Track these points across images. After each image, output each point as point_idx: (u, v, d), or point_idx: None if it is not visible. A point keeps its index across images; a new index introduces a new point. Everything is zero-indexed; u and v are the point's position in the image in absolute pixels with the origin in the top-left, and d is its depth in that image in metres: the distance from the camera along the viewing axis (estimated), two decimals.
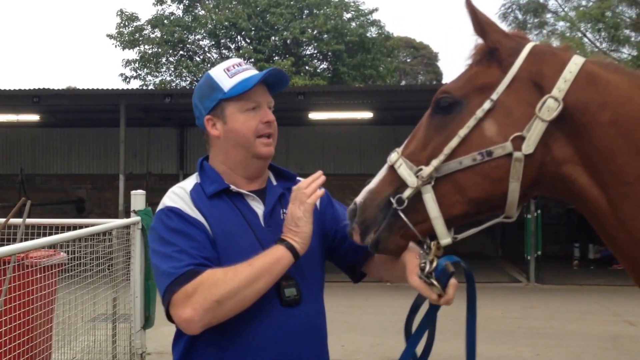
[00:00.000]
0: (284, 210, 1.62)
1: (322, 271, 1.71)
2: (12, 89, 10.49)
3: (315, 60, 20.86)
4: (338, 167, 13.12)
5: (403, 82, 26.84)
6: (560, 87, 1.33)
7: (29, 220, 3.88)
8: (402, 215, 1.38)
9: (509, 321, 7.19)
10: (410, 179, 1.38)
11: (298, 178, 1.76)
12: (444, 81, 27.73)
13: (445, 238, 1.38)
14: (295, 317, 1.56)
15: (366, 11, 21.11)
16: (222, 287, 1.41)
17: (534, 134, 1.32)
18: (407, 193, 1.38)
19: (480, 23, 1.42)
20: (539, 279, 9.99)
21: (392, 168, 1.44)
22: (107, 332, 4.49)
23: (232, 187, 1.61)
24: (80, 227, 4.02)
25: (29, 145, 13.94)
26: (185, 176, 10.69)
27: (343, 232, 1.65)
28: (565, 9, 18.93)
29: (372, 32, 21.00)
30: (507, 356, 5.60)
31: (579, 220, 11.53)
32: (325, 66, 20.94)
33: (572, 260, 11.63)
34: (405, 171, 1.40)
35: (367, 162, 13.39)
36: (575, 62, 1.36)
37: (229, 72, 1.62)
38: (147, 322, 4.76)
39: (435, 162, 1.37)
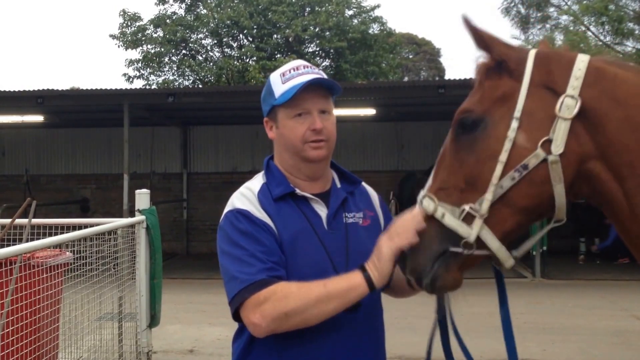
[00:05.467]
0: (347, 214, 1.66)
1: None
2: (16, 90, 10.53)
3: (318, 58, 20.82)
4: (341, 163, 12.92)
5: (405, 79, 26.77)
6: (573, 84, 1.36)
7: (35, 221, 3.90)
8: (478, 252, 1.38)
9: (514, 317, 7.08)
10: (463, 229, 1.36)
11: (365, 185, 1.80)
12: (446, 77, 27.67)
13: (508, 262, 1.40)
14: (354, 320, 1.57)
15: (368, 8, 21.07)
16: (292, 302, 1.44)
17: (559, 134, 1.34)
18: (473, 235, 1.36)
19: (482, 39, 1.44)
20: (545, 274, 9.96)
21: (430, 217, 1.41)
22: (113, 331, 4.50)
23: (297, 190, 1.63)
24: (86, 226, 4.03)
25: (33, 146, 13.99)
26: (189, 175, 10.76)
27: None
28: (569, 3, 18.84)
29: (374, 28, 20.95)
30: None
31: (584, 215, 11.49)
32: (328, 63, 20.90)
33: (578, 255, 11.59)
34: (452, 222, 1.38)
35: (370, 158, 13.38)
36: (582, 60, 1.38)
37: (284, 77, 1.64)
38: (153, 320, 4.77)
39: (489, 196, 1.36)
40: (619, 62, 1.44)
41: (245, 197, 1.62)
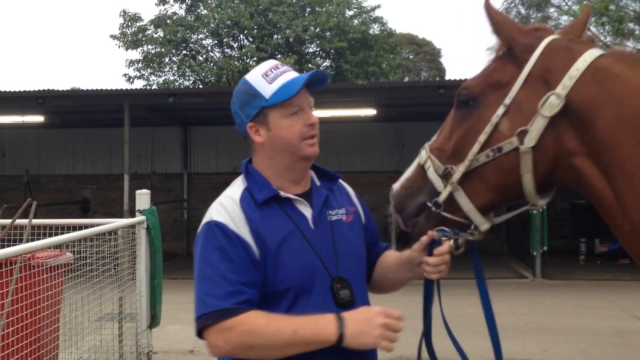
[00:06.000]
0: (330, 212, 1.65)
1: (365, 272, 1.73)
2: (16, 90, 10.54)
3: (318, 58, 20.82)
4: (342, 164, 13.11)
5: (406, 79, 26.76)
6: (565, 84, 1.39)
7: (35, 221, 3.90)
8: (445, 214, 1.53)
9: (515, 317, 7.17)
10: (438, 184, 1.53)
11: (340, 181, 1.78)
12: (447, 77, 27.65)
13: (483, 225, 1.52)
14: None
15: (368, 8, 21.07)
16: (259, 338, 1.43)
17: (535, 128, 1.40)
18: (442, 197, 1.53)
19: (493, 22, 1.49)
20: (545, 274, 9.95)
21: (422, 166, 1.58)
22: (114, 332, 4.50)
23: (282, 193, 1.60)
24: (86, 227, 4.03)
25: (34, 146, 13.99)
26: (190, 175, 10.78)
27: (373, 240, 1.77)
28: (569, 3, 18.83)
29: (375, 29, 20.95)
30: (515, 352, 5.58)
31: (584, 215, 11.48)
32: (328, 64, 20.89)
33: (579, 255, 11.58)
34: (433, 175, 1.55)
35: (370, 159, 13.38)
36: (585, 59, 1.39)
37: (268, 78, 1.59)
38: (153, 321, 4.77)
39: (462, 168, 1.50)
40: (635, 59, 1.42)
41: (224, 207, 1.57)
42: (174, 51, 20.37)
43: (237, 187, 1.65)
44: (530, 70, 1.42)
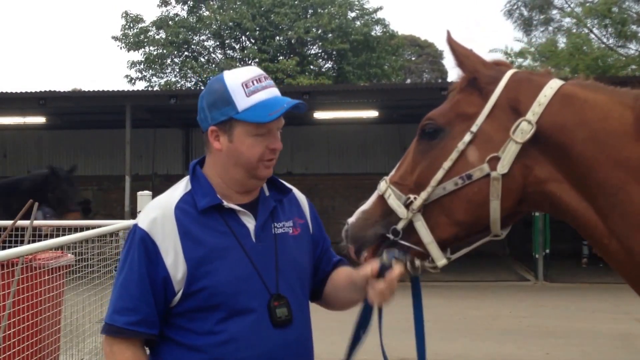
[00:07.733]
0: (276, 225, 1.58)
1: (309, 287, 1.67)
2: (18, 91, 10.56)
3: (320, 60, 20.84)
4: (343, 166, 13.10)
5: (408, 81, 26.77)
6: (535, 110, 1.41)
7: (36, 222, 3.89)
8: (403, 242, 1.48)
9: (517, 320, 7.15)
10: (400, 210, 1.49)
11: (294, 191, 1.71)
12: (449, 79, 27.66)
13: (440, 260, 1.47)
14: (286, 337, 1.51)
15: (370, 10, 21.09)
16: None
17: (508, 154, 1.41)
18: (400, 225, 1.48)
19: (456, 55, 1.53)
20: (548, 277, 9.93)
21: (381, 197, 1.54)
22: None
23: (225, 203, 1.53)
24: (87, 228, 4.02)
25: (35, 147, 14.02)
26: None
27: (322, 253, 1.70)
28: (572, 5, 18.80)
29: (377, 30, 20.97)
30: (517, 355, 5.56)
31: None
32: (330, 65, 20.92)
33: (581, 258, 11.56)
34: (394, 202, 1.50)
35: (372, 160, 13.37)
36: (551, 86, 1.43)
37: (247, 89, 1.49)
38: None
39: (424, 195, 1.46)
40: (595, 85, 1.46)
41: (156, 211, 1.52)
42: (175, 52, 20.41)
43: (179, 189, 1.58)
44: (497, 100, 1.44)
